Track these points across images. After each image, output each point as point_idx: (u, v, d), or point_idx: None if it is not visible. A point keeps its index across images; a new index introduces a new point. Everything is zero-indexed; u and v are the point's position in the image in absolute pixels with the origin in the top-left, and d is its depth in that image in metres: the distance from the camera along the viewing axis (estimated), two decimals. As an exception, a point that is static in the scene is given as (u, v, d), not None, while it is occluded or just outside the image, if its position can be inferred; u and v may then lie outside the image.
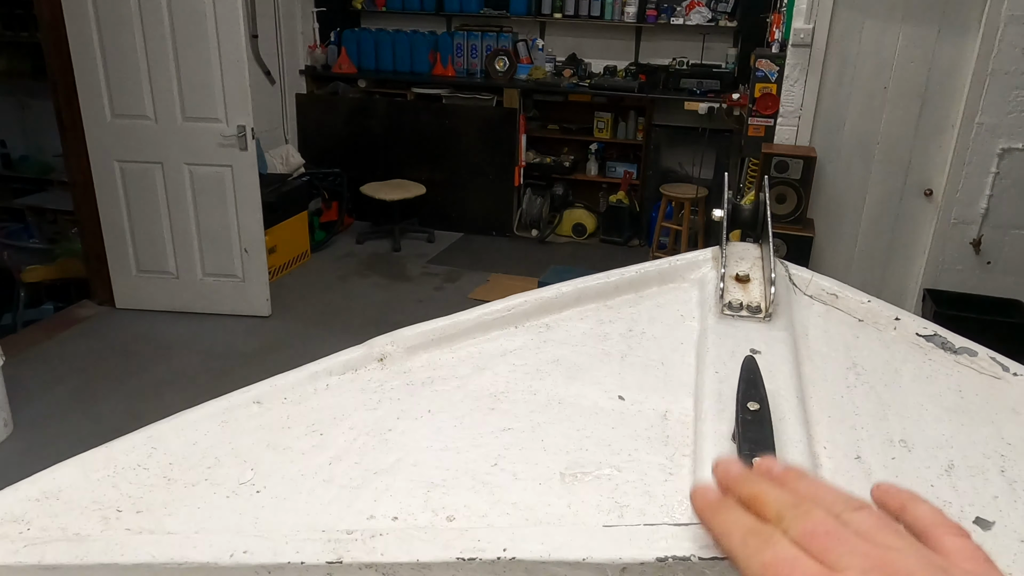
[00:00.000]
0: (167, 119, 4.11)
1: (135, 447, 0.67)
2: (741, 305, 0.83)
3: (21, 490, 0.62)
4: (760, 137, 3.86)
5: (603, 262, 4.91)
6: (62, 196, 4.93)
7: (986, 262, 3.64)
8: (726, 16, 5.67)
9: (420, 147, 6.01)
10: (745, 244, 0.98)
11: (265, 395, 0.74)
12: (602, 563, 0.48)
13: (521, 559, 0.48)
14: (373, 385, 0.77)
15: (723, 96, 5.25)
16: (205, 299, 4.44)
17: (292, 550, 0.52)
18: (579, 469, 0.63)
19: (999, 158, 3.47)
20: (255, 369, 3.63)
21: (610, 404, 0.72)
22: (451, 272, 5.37)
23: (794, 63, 3.64)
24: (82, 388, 3.70)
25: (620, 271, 0.92)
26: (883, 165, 3.75)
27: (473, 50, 6.03)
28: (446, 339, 0.83)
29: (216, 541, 0.54)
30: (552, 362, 0.79)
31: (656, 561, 0.45)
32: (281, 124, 5.90)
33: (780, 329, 0.79)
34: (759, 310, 0.82)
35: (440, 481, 0.62)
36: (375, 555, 0.51)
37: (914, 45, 3.52)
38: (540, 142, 6.21)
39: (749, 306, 0.82)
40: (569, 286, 0.89)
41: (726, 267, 0.88)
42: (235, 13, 3.91)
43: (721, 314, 0.82)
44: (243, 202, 4.24)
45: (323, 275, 5.24)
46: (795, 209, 3.61)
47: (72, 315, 4.45)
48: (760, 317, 0.81)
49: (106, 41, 3.98)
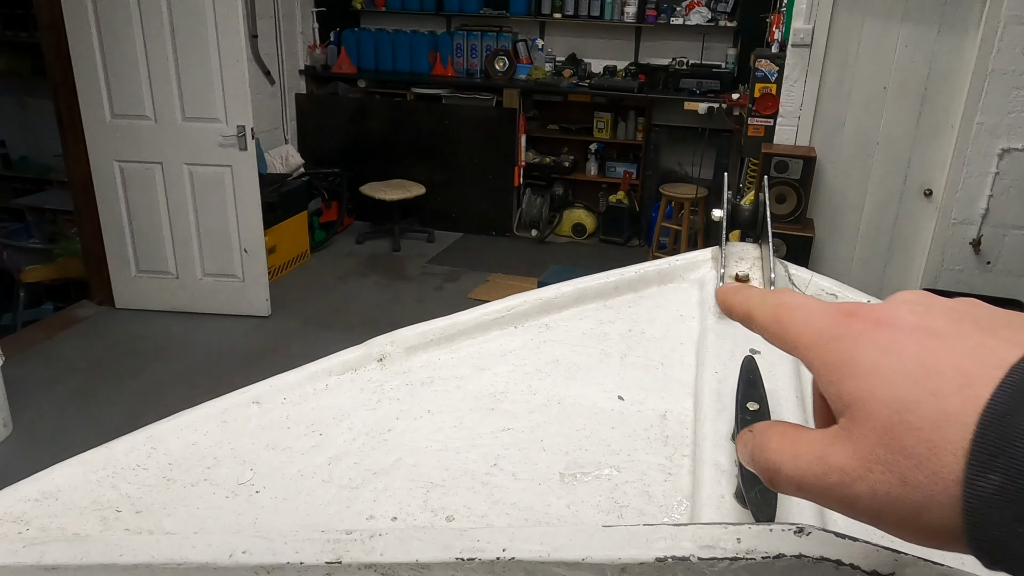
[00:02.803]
0: (167, 119, 4.11)
1: (134, 447, 0.67)
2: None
3: (20, 490, 0.62)
4: (760, 137, 3.86)
5: (603, 262, 4.90)
6: (62, 196, 4.93)
7: (986, 262, 3.64)
8: (726, 16, 5.67)
9: (420, 147, 6.01)
10: (745, 244, 0.98)
11: (264, 395, 0.74)
12: (601, 563, 0.48)
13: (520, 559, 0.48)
14: (372, 385, 0.77)
15: (723, 96, 5.25)
16: (205, 299, 4.44)
17: (291, 550, 0.52)
18: (578, 469, 0.63)
19: (999, 158, 3.47)
20: (255, 369, 3.63)
21: (609, 404, 0.72)
22: (451, 272, 5.37)
23: (794, 63, 3.64)
24: (81, 388, 3.70)
25: (620, 271, 0.92)
26: (883, 165, 3.75)
27: (473, 50, 6.03)
28: (446, 339, 0.83)
29: (215, 541, 0.54)
30: (552, 362, 0.79)
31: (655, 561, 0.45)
32: (281, 124, 5.90)
33: (780, 329, 0.79)
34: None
35: (439, 481, 0.62)
36: (374, 555, 0.51)
37: (914, 45, 3.52)
38: (540, 142, 6.21)
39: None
40: (569, 286, 0.89)
41: (726, 267, 0.88)
42: (235, 13, 3.91)
43: (721, 314, 0.82)
44: (243, 202, 4.24)
45: (323, 275, 5.24)
46: (795, 209, 3.61)
47: (71, 315, 4.45)
48: (760, 317, 0.81)
49: (106, 41, 3.98)
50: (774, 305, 0.33)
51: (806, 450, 0.30)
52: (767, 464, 0.31)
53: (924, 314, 0.29)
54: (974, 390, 0.26)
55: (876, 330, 0.29)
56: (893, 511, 0.27)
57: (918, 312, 0.29)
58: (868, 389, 0.28)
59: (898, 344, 0.28)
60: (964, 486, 0.25)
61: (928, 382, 0.27)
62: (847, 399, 0.28)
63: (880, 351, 0.28)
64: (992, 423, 0.25)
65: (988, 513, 0.24)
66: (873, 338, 0.29)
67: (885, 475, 0.27)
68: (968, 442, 0.25)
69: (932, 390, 0.26)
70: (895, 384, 0.27)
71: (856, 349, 0.29)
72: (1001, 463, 0.24)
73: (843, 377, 0.29)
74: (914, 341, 0.28)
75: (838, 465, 0.28)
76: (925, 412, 0.26)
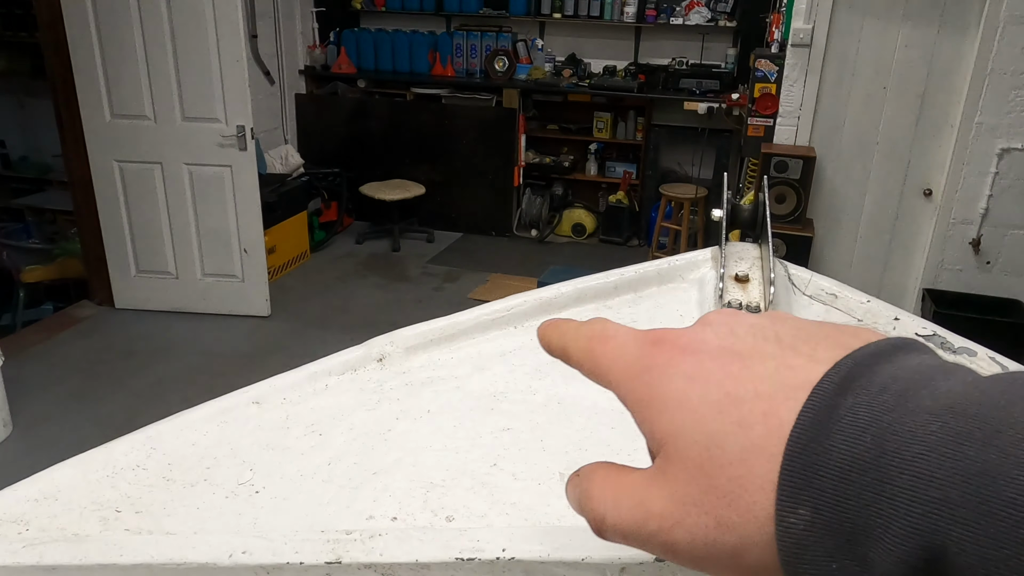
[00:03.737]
0: (166, 119, 4.11)
1: (134, 447, 0.67)
2: (740, 305, 0.83)
3: (20, 490, 0.62)
4: (760, 137, 3.86)
5: (603, 262, 4.90)
6: (61, 196, 4.93)
7: (985, 262, 3.64)
8: (726, 16, 5.67)
9: (419, 147, 6.01)
10: (744, 244, 0.97)
11: (264, 395, 0.74)
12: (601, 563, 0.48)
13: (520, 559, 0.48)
14: (372, 385, 0.77)
15: (723, 96, 5.25)
16: (204, 299, 4.43)
17: (291, 550, 0.52)
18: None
19: (998, 158, 3.47)
20: (255, 369, 3.63)
21: (609, 404, 0.72)
22: (451, 272, 5.37)
23: (794, 63, 3.64)
24: (81, 388, 3.70)
25: (619, 271, 0.92)
26: (883, 165, 3.75)
27: (472, 50, 6.03)
28: (445, 339, 0.83)
29: (215, 541, 0.54)
30: (552, 362, 0.79)
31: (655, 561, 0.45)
32: (280, 124, 5.90)
33: (779, 329, 0.79)
34: (758, 310, 0.82)
35: (439, 481, 0.62)
36: (374, 555, 0.51)
37: (914, 45, 3.52)
38: (540, 142, 6.21)
39: (748, 306, 0.82)
40: (569, 286, 0.89)
41: (725, 267, 0.88)
42: (235, 13, 3.91)
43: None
44: (242, 202, 4.24)
45: (322, 275, 5.24)
46: (795, 209, 3.61)
47: (71, 315, 4.45)
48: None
49: (106, 41, 3.98)
50: (586, 339, 0.31)
51: (627, 495, 0.27)
52: (592, 515, 0.29)
53: (728, 335, 0.27)
54: (777, 417, 0.24)
55: (682, 358, 0.27)
56: (713, 555, 0.25)
57: (722, 334, 0.27)
58: (678, 424, 0.26)
59: (704, 371, 0.26)
60: (776, 523, 0.23)
61: (734, 411, 0.25)
62: (659, 437, 0.27)
63: (687, 381, 0.26)
64: (797, 453, 0.23)
65: (801, 551, 0.23)
66: (680, 367, 0.27)
67: (701, 517, 0.25)
68: (776, 475, 0.23)
69: (738, 420, 0.25)
70: (703, 417, 0.25)
71: (663, 381, 0.27)
72: (808, 496, 0.22)
73: (653, 413, 0.27)
74: (719, 366, 0.26)
75: (656, 511, 0.26)
76: (733, 445, 0.24)
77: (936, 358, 0.25)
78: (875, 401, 0.23)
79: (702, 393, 0.26)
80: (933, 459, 0.21)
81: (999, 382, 0.22)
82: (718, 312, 0.29)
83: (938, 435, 0.21)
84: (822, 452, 0.22)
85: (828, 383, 0.24)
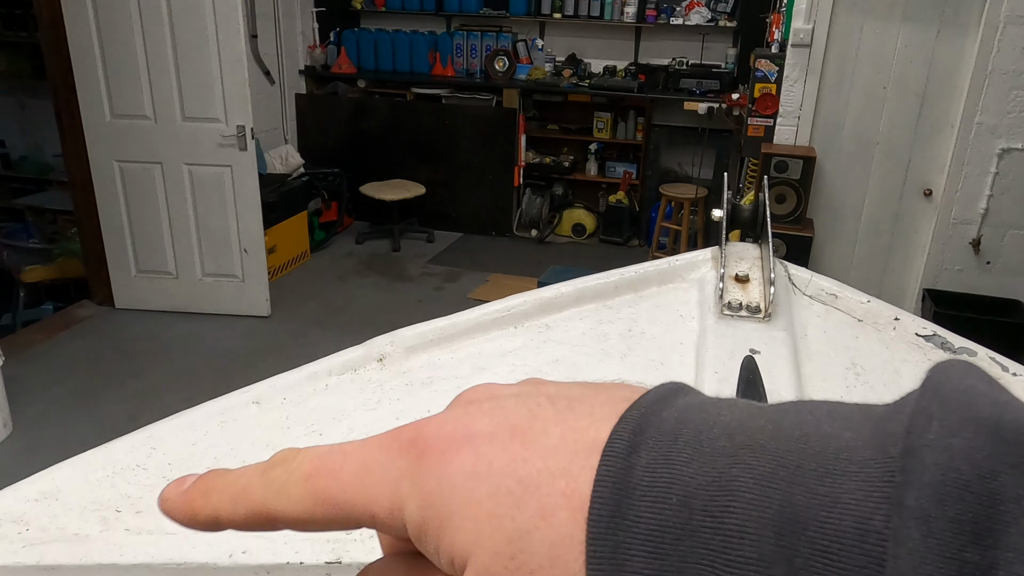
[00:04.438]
0: (166, 119, 4.11)
1: (134, 447, 0.67)
2: (740, 305, 0.83)
3: (20, 490, 0.62)
4: (760, 137, 3.86)
5: (603, 262, 4.90)
6: (61, 196, 4.93)
7: (985, 262, 3.65)
8: (726, 16, 5.67)
9: (420, 147, 6.01)
10: (745, 244, 0.98)
11: (264, 395, 0.74)
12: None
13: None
14: (372, 385, 0.77)
15: (723, 96, 5.25)
16: (204, 299, 4.43)
17: (291, 550, 0.52)
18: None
19: (999, 158, 3.48)
20: (254, 369, 3.63)
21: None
22: (451, 272, 5.37)
23: (794, 63, 3.64)
24: (81, 388, 3.70)
25: (619, 271, 0.92)
26: (883, 165, 3.75)
27: (473, 50, 6.03)
28: (446, 339, 0.83)
29: (215, 541, 0.54)
30: (552, 362, 0.79)
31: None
32: (281, 124, 5.90)
33: (779, 329, 0.80)
34: (758, 310, 0.82)
35: (439, 481, 0.62)
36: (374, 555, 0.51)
37: (914, 45, 3.52)
38: (540, 142, 6.21)
39: (748, 306, 0.82)
40: (569, 286, 0.89)
41: (725, 267, 0.88)
42: (235, 13, 3.91)
43: (720, 314, 0.82)
44: (243, 202, 4.24)
45: (323, 275, 5.24)
46: (795, 209, 3.61)
47: (71, 315, 4.45)
48: (759, 317, 0.81)
49: (106, 41, 3.98)
50: (302, 477, 0.24)
51: None
52: None
53: (497, 410, 0.24)
54: (579, 495, 0.20)
55: (454, 453, 0.22)
56: None
57: (490, 410, 0.24)
58: (471, 537, 0.21)
59: (484, 462, 0.22)
60: None
61: (532, 501, 0.21)
62: (457, 561, 0.22)
63: (468, 479, 0.22)
64: (600, 536, 0.20)
65: None
66: (454, 465, 0.22)
67: None
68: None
69: (539, 510, 0.21)
70: (499, 518, 0.21)
71: (440, 489, 0.22)
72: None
73: (440, 533, 0.22)
74: (501, 450, 0.22)
75: None
76: (539, 544, 0.20)
77: (704, 395, 0.23)
78: (671, 453, 0.20)
79: (490, 489, 0.21)
80: (741, 511, 0.19)
81: (786, 413, 0.21)
82: (474, 388, 0.26)
83: (741, 479, 0.19)
84: (628, 527, 0.19)
85: (618, 441, 0.21)
